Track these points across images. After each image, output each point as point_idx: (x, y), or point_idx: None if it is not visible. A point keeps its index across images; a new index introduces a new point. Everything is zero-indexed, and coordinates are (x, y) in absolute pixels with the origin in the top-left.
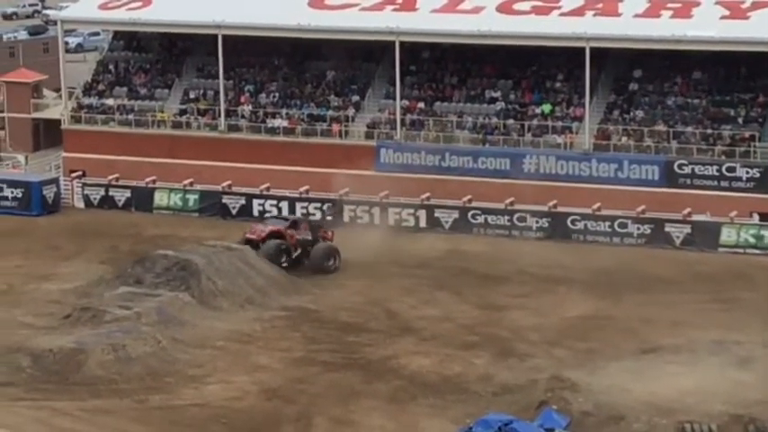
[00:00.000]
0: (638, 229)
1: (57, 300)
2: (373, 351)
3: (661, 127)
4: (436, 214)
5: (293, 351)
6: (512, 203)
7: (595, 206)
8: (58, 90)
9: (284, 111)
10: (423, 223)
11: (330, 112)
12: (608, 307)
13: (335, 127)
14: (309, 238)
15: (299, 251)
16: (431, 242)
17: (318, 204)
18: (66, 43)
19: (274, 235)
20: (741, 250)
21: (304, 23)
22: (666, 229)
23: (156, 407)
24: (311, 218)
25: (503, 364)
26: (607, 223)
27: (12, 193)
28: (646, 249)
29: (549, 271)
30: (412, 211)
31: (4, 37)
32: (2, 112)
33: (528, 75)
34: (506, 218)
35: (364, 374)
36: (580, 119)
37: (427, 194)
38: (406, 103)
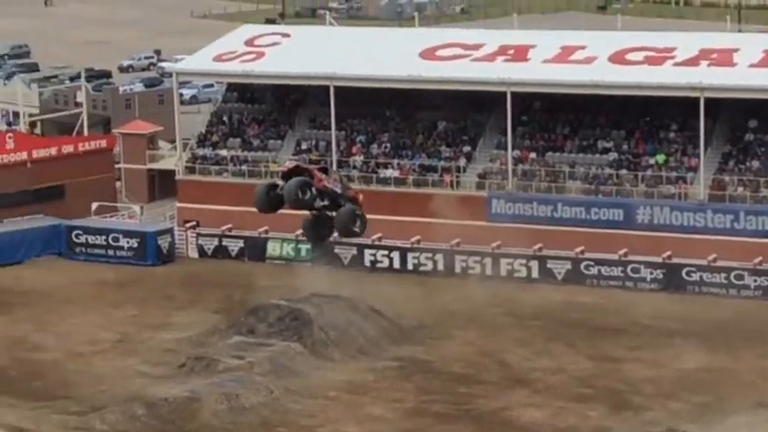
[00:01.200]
0: (755, 281)
1: (171, 349)
2: (486, 403)
3: None
4: (549, 265)
5: (405, 402)
6: (625, 254)
7: (711, 257)
8: (172, 141)
9: (395, 161)
10: (535, 274)
11: (441, 163)
12: (725, 360)
13: (447, 177)
14: (338, 191)
15: (325, 201)
16: (543, 293)
17: (429, 255)
18: (181, 95)
19: (299, 172)
20: None
21: (415, 74)
22: None
23: None
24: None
25: (618, 417)
26: (723, 275)
27: (127, 243)
28: (763, 302)
29: (663, 323)
30: (524, 261)
31: (121, 89)
32: (118, 163)
33: (641, 125)
34: (620, 269)
35: (477, 426)
36: (695, 169)
37: (539, 245)
38: (518, 153)
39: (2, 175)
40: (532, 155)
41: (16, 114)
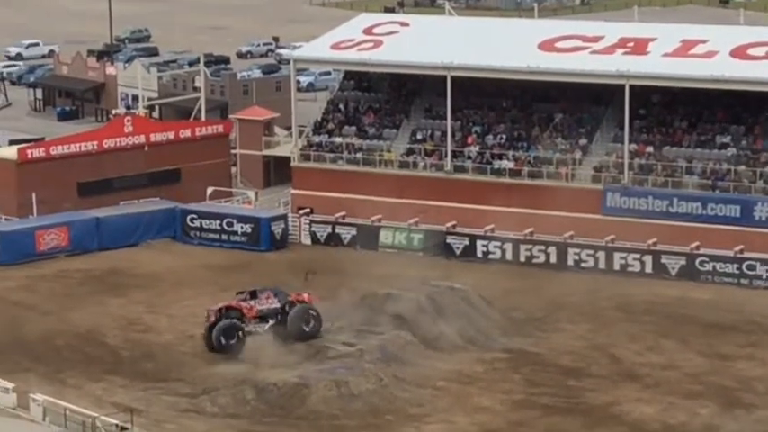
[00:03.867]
0: None
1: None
2: (595, 396)
3: None
4: (662, 260)
5: (514, 393)
6: (741, 251)
7: None
8: (288, 128)
9: (511, 152)
10: (648, 269)
11: (557, 155)
12: None
13: (562, 170)
14: (277, 306)
15: (270, 321)
16: (656, 288)
17: (542, 247)
18: (298, 82)
19: (228, 312)
20: None
21: (533, 66)
22: None
23: None
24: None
25: (728, 415)
26: None
27: (241, 228)
28: None
29: None
30: (638, 256)
31: (239, 75)
32: (234, 148)
33: (760, 120)
34: (735, 266)
35: (585, 420)
36: None
37: (654, 240)
38: (635, 147)
39: (120, 159)
40: (649, 149)
41: (135, 98)
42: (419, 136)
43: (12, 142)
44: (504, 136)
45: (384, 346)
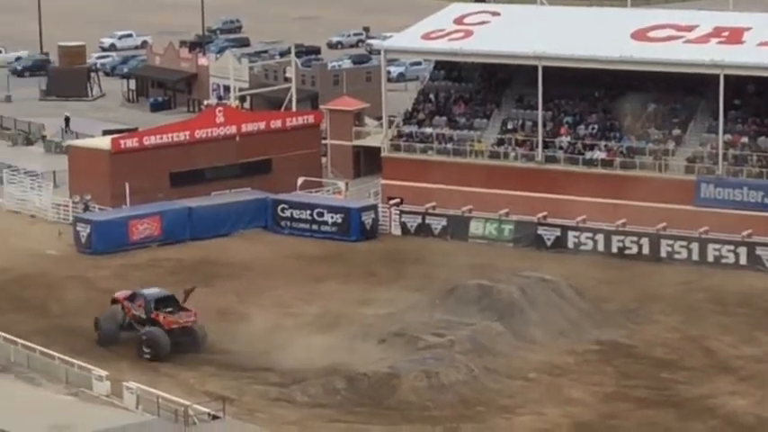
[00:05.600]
0: None
1: (372, 324)
2: (688, 389)
3: None
4: (758, 252)
5: (605, 386)
6: None
7: None
8: (378, 118)
9: (603, 143)
10: (743, 260)
11: (650, 145)
12: None
13: (655, 160)
14: (142, 315)
15: (137, 327)
16: (751, 280)
17: (635, 238)
18: (389, 72)
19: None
20: None
21: (626, 55)
22: None
23: None
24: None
25: None
26: None
27: (332, 218)
28: None
29: None
30: (732, 247)
31: (329, 65)
32: (325, 138)
33: None
34: None
35: (679, 413)
36: None
37: (749, 231)
38: (729, 137)
39: (211, 149)
40: (744, 139)
41: (227, 88)
42: (510, 126)
43: (105, 132)
44: (596, 126)
45: (475, 337)
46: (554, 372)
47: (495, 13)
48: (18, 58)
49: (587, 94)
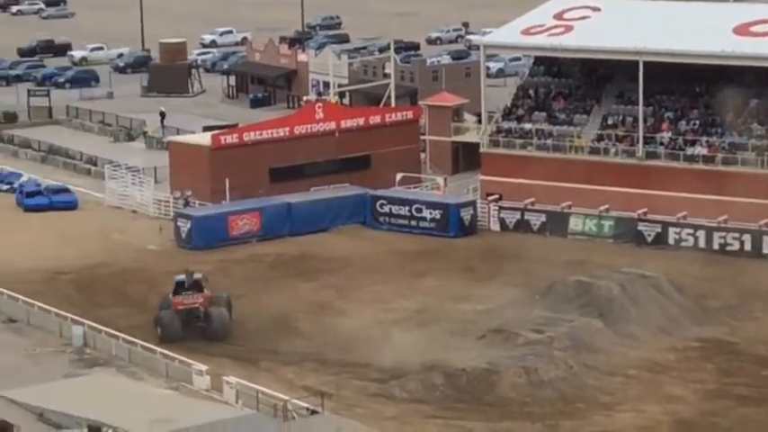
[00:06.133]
0: None
1: (471, 320)
2: None
3: None
4: None
5: (706, 383)
6: None
7: None
8: (477, 114)
9: (704, 138)
10: None
11: (752, 141)
12: None
13: (757, 156)
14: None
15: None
16: None
17: (737, 235)
18: (488, 68)
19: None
20: None
21: (728, 50)
22: None
23: None
24: None
25: None
26: None
27: (430, 214)
28: None
29: None
30: None
31: (428, 61)
32: (423, 134)
33: None
34: None
35: None
36: None
37: None
38: None
39: (311, 145)
40: None
41: (326, 85)
42: (610, 121)
43: (206, 129)
44: (697, 121)
45: (574, 334)
46: (654, 369)
47: (595, 9)
48: (120, 55)
49: (688, 89)
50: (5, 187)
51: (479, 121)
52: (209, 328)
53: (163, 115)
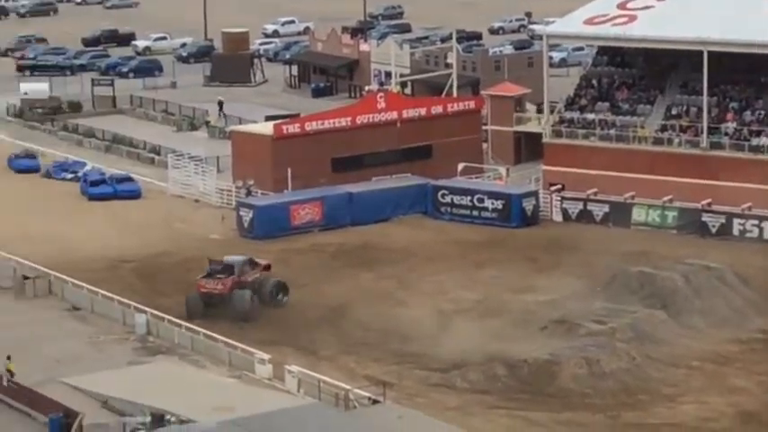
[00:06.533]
0: None
1: (532, 311)
2: None
3: None
4: None
5: None
6: None
7: None
8: (539, 104)
9: None
10: None
11: None
12: None
13: None
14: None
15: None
16: None
17: None
18: (551, 58)
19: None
20: None
21: None
22: None
23: (628, 423)
24: None
25: None
26: None
27: (492, 204)
28: None
29: None
30: None
31: (491, 51)
32: (485, 124)
33: None
34: None
35: None
36: None
37: None
38: None
39: (372, 135)
40: None
41: (388, 74)
42: (674, 112)
43: (268, 118)
44: (762, 112)
45: (637, 325)
46: (718, 360)
47: None
48: (183, 45)
49: (754, 79)
50: (70, 176)
51: (539, 111)
52: (231, 311)
53: (221, 104)
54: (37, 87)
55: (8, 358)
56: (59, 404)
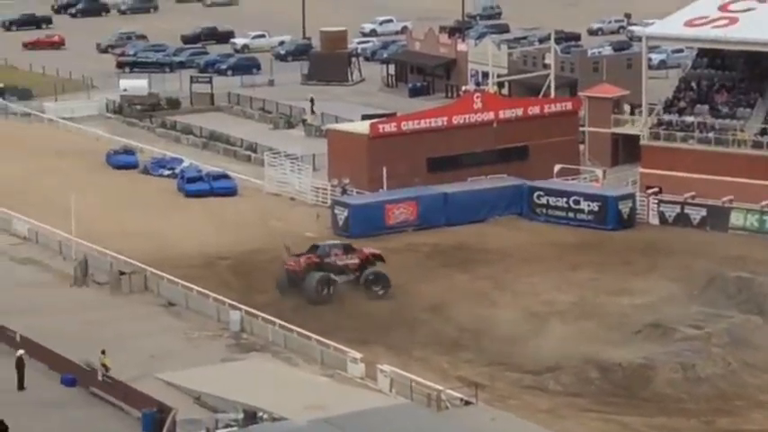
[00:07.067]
0: None
1: (627, 314)
2: None
3: None
4: None
5: None
6: None
7: None
8: (637, 106)
9: None
10: None
11: None
12: None
13: None
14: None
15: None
16: None
17: None
18: (650, 59)
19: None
20: None
21: None
22: None
23: (723, 429)
24: None
25: None
26: None
27: (588, 206)
28: None
29: None
30: None
31: (589, 52)
32: (583, 125)
33: None
34: None
35: None
36: None
37: None
38: None
39: (469, 135)
40: None
41: (485, 74)
42: None
43: (364, 117)
44: None
45: (733, 331)
46: None
47: (761, 0)
48: (281, 43)
49: None
50: (167, 172)
51: (633, 113)
52: (303, 291)
53: (312, 102)
54: (136, 84)
55: (103, 353)
56: (153, 399)
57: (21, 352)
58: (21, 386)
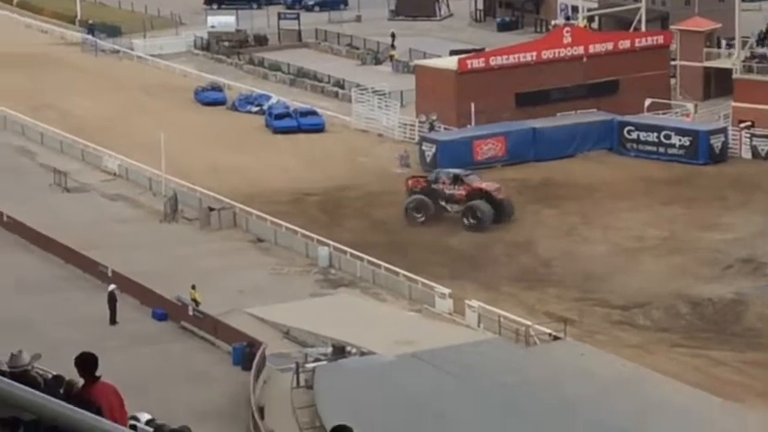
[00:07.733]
0: None
1: (718, 250)
2: None
3: None
4: None
5: None
6: None
7: None
8: (730, 39)
9: None
10: None
11: None
12: None
13: None
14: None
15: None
16: None
17: None
18: None
19: None
20: None
21: None
22: None
23: None
24: None
25: None
26: None
27: (679, 141)
28: None
29: None
30: None
31: None
32: (674, 60)
33: None
34: None
35: None
36: None
37: None
38: None
39: (558, 70)
40: None
41: (575, 8)
42: None
43: (452, 53)
44: None
45: None
46: None
47: None
48: None
49: None
50: (255, 109)
51: (732, 47)
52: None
53: (393, 36)
54: (224, 20)
55: (193, 288)
56: (243, 333)
57: (113, 287)
58: (113, 321)
